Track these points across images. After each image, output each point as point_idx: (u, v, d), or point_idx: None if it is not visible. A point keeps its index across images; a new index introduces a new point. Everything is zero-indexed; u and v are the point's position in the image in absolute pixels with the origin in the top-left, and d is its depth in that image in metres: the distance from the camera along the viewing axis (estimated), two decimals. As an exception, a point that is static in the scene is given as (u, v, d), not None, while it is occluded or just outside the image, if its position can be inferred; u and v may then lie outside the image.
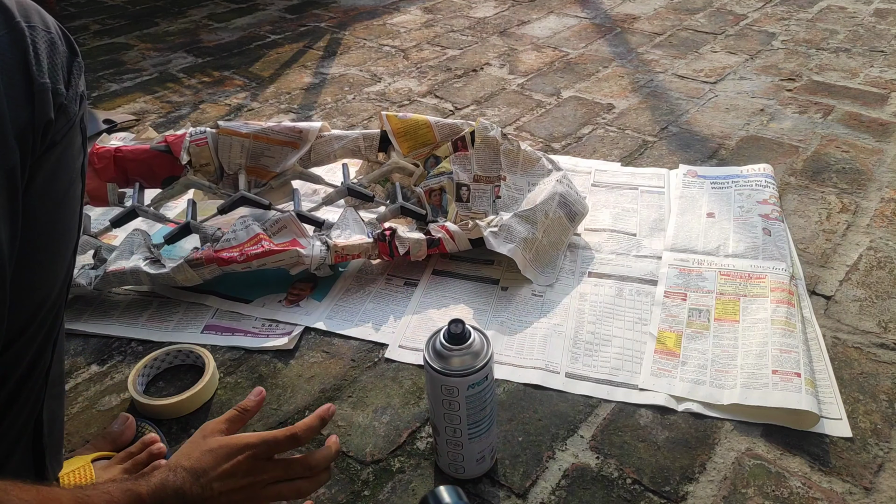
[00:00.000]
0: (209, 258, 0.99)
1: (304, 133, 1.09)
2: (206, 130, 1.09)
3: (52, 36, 0.56)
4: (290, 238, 1.05)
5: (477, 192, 1.15)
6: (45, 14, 0.58)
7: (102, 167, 1.07)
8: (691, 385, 0.86)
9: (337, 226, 1.07)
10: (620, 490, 0.75)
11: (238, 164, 1.10)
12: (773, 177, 1.25)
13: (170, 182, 1.11)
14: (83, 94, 0.60)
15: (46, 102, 0.53)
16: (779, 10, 2.14)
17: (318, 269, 1.02)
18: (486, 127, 1.15)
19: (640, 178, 1.31)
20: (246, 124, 1.11)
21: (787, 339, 0.89)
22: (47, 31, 0.56)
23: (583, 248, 1.12)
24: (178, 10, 2.46)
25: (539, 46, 1.98)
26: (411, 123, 1.16)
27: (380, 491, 0.76)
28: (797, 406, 0.80)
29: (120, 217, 1.10)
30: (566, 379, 0.89)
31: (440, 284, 1.07)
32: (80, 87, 0.59)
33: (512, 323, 0.99)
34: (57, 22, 0.59)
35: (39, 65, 0.53)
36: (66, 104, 0.55)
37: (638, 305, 1.00)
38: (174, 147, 1.07)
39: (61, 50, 0.57)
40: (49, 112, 0.53)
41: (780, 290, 0.97)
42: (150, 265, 1.01)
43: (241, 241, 1.01)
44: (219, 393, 0.90)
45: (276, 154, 1.10)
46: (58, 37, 0.57)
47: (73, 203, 0.60)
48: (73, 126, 0.57)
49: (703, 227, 1.14)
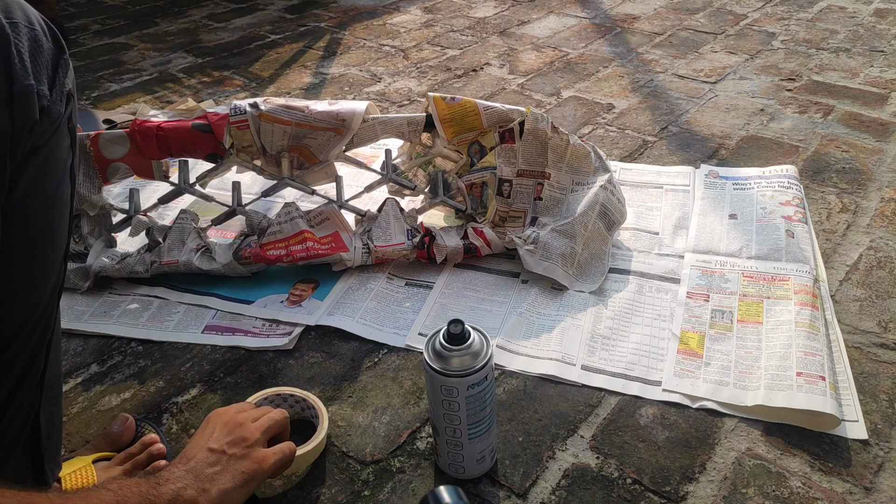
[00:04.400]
0: (257, 258, 1.05)
1: (348, 121, 1.07)
2: (248, 111, 1.06)
3: (35, 32, 0.52)
4: (333, 231, 1.09)
5: (519, 187, 1.14)
6: (28, 8, 0.54)
7: (146, 145, 1.07)
8: (714, 386, 0.86)
9: (378, 224, 1.10)
10: (620, 490, 0.75)
11: (281, 146, 1.09)
12: (796, 177, 1.25)
13: (213, 159, 1.10)
14: (70, 92, 0.56)
15: (30, 105, 0.50)
16: (779, 10, 2.14)
17: None
18: (537, 118, 1.11)
19: (666, 176, 1.31)
20: (288, 110, 1.08)
21: (811, 341, 0.88)
22: (30, 26, 0.52)
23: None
24: (178, 10, 2.46)
25: (539, 46, 1.98)
26: (458, 110, 1.12)
27: (380, 491, 0.76)
28: (822, 409, 0.79)
29: (168, 196, 1.14)
30: (582, 371, 0.90)
31: (461, 277, 1.08)
32: (67, 85, 0.55)
33: (530, 315, 0.99)
34: (41, 16, 0.55)
35: (23, 64, 0.50)
36: (48, 106, 0.52)
37: (658, 302, 1.00)
38: (216, 129, 1.06)
39: (46, 47, 0.53)
40: (33, 115, 0.50)
41: (804, 293, 0.97)
42: (202, 258, 1.07)
43: (287, 236, 1.07)
44: (219, 394, 0.90)
45: (319, 137, 1.09)
46: (42, 33, 0.53)
47: (62, 207, 0.58)
48: (58, 128, 0.54)
49: (726, 228, 1.14)
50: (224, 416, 0.70)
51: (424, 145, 1.17)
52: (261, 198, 1.16)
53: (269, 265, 1.07)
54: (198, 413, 0.87)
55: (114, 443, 0.80)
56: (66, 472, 0.71)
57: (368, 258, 1.08)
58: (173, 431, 0.85)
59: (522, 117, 1.11)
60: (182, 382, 0.92)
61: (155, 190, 1.29)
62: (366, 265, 1.09)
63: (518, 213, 1.14)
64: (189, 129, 1.07)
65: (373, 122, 1.11)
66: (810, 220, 1.16)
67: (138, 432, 0.82)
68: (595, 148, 1.16)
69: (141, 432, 0.82)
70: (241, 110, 1.07)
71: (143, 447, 0.78)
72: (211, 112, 1.08)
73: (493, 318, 0.99)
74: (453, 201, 1.14)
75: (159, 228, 1.11)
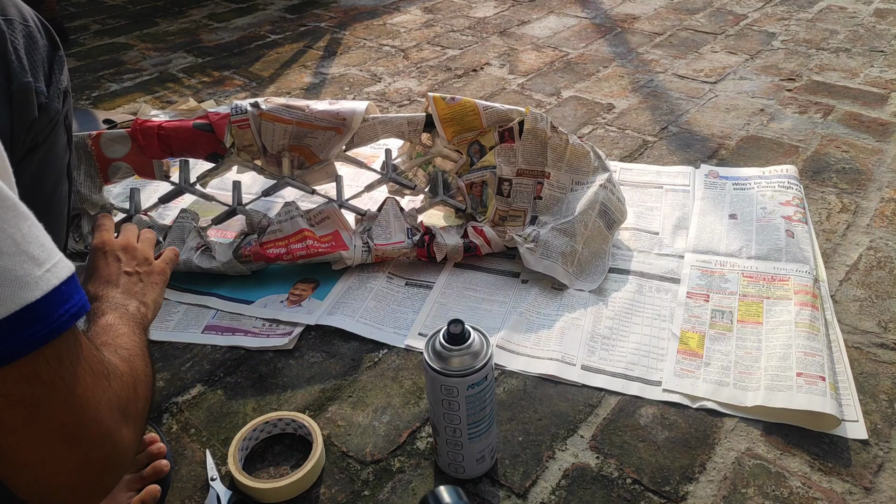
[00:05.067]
0: (257, 256, 1.05)
1: (349, 121, 1.07)
2: (248, 111, 1.06)
3: (30, 29, 0.52)
4: (333, 230, 1.09)
5: (519, 186, 1.14)
6: (22, 5, 0.53)
7: (147, 145, 1.07)
8: (714, 386, 0.86)
9: (378, 223, 1.10)
10: (620, 490, 0.75)
11: (281, 145, 1.10)
12: (796, 178, 1.25)
13: (214, 158, 1.11)
14: (67, 89, 0.56)
15: (28, 102, 0.50)
16: (779, 10, 2.14)
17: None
18: (536, 118, 1.11)
19: (666, 176, 1.31)
20: (288, 109, 1.08)
21: (811, 342, 0.88)
22: (25, 23, 0.52)
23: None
24: (178, 10, 2.46)
25: (539, 46, 1.98)
26: (458, 110, 1.12)
27: (380, 491, 0.76)
28: (822, 409, 0.79)
29: (168, 195, 1.14)
30: (582, 371, 0.90)
31: (461, 277, 1.08)
32: (63, 82, 0.55)
33: (530, 314, 0.99)
34: (35, 13, 0.55)
35: (20, 62, 0.49)
36: (46, 103, 0.52)
37: (658, 302, 1.01)
38: (217, 128, 1.06)
39: (41, 44, 0.53)
40: (32, 112, 0.50)
41: (804, 293, 0.97)
42: (202, 257, 1.07)
43: (287, 234, 1.07)
44: (219, 393, 0.90)
45: (319, 136, 1.09)
46: (37, 29, 0.53)
47: (61, 205, 0.58)
48: (56, 125, 0.54)
49: (726, 228, 1.14)
50: (117, 245, 0.73)
51: (424, 145, 1.17)
52: (261, 197, 1.16)
53: (270, 263, 1.07)
54: (198, 413, 0.87)
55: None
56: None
57: (368, 257, 1.08)
58: (173, 431, 0.85)
59: (522, 117, 1.11)
60: (182, 382, 0.92)
61: (155, 189, 1.29)
62: (366, 264, 1.09)
63: (518, 212, 1.14)
64: (190, 128, 1.07)
65: (373, 121, 1.11)
66: (810, 220, 1.16)
67: (138, 432, 0.82)
68: (594, 148, 1.16)
69: (141, 432, 0.82)
70: (241, 110, 1.07)
71: (143, 446, 0.78)
72: (212, 112, 1.08)
73: (493, 318, 0.99)
74: (453, 201, 1.14)
75: (160, 228, 1.12)
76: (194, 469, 0.80)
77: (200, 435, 0.84)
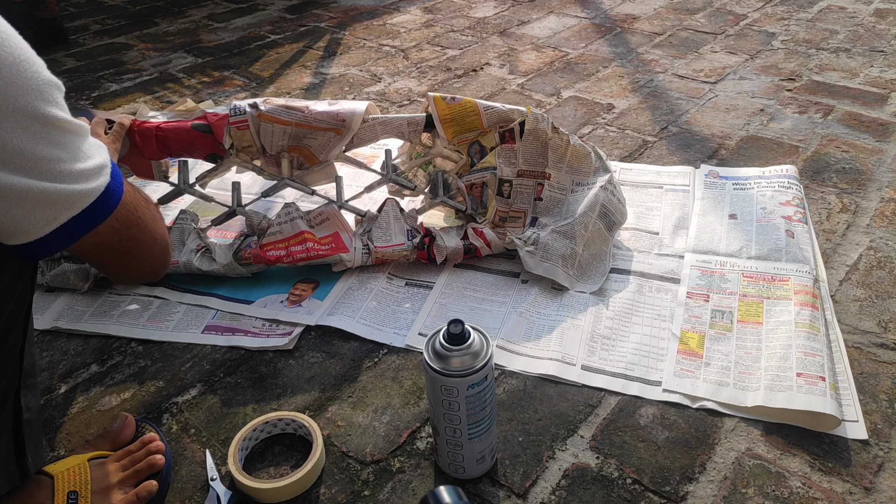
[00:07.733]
0: (257, 258, 1.06)
1: (348, 122, 1.07)
2: (247, 111, 1.06)
3: None
4: (333, 231, 1.09)
5: (519, 187, 1.14)
6: None
7: (145, 146, 1.07)
8: (714, 386, 0.86)
9: (378, 224, 1.10)
10: (620, 490, 0.75)
11: (281, 146, 1.09)
12: (796, 178, 1.25)
13: (213, 159, 1.10)
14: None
15: None
16: (779, 10, 2.14)
17: None
18: (538, 118, 1.11)
19: (666, 176, 1.31)
20: (287, 110, 1.08)
21: (811, 342, 0.88)
22: None
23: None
24: (178, 10, 2.46)
25: (539, 46, 1.98)
26: (458, 110, 1.12)
27: (380, 491, 0.76)
28: (822, 409, 0.79)
29: (167, 196, 1.14)
30: (582, 371, 0.90)
31: (461, 277, 1.08)
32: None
33: (530, 315, 0.99)
34: None
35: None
36: None
37: (658, 302, 1.01)
38: (216, 129, 1.06)
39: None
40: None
41: (804, 293, 0.97)
42: (202, 259, 1.07)
43: (287, 236, 1.07)
44: (219, 394, 0.90)
45: (319, 137, 1.09)
46: None
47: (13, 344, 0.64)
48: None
49: (726, 228, 1.14)
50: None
51: (424, 145, 1.17)
52: (261, 198, 1.16)
53: (270, 266, 1.07)
54: (198, 413, 0.87)
55: (113, 441, 0.80)
56: (60, 469, 0.71)
57: (368, 259, 1.08)
58: (173, 431, 0.85)
59: (523, 117, 1.11)
60: (182, 382, 0.92)
61: (154, 190, 1.29)
62: (366, 265, 1.09)
63: (518, 213, 1.14)
64: (188, 129, 1.07)
65: (373, 122, 1.11)
66: (810, 220, 1.16)
67: (138, 432, 0.82)
68: (595, 148, 1.16)
69: (141, 431, 0.82)
70: (240, 110, 1.07)
71: (142, 445, 0.78)
72: (210, 112, 1.08)
73: (493, 318, 0.99)
74: (453, 201, 1.14)
75: None
76: (194, 469, 0.80)
77: (200, 435, 0.84)
